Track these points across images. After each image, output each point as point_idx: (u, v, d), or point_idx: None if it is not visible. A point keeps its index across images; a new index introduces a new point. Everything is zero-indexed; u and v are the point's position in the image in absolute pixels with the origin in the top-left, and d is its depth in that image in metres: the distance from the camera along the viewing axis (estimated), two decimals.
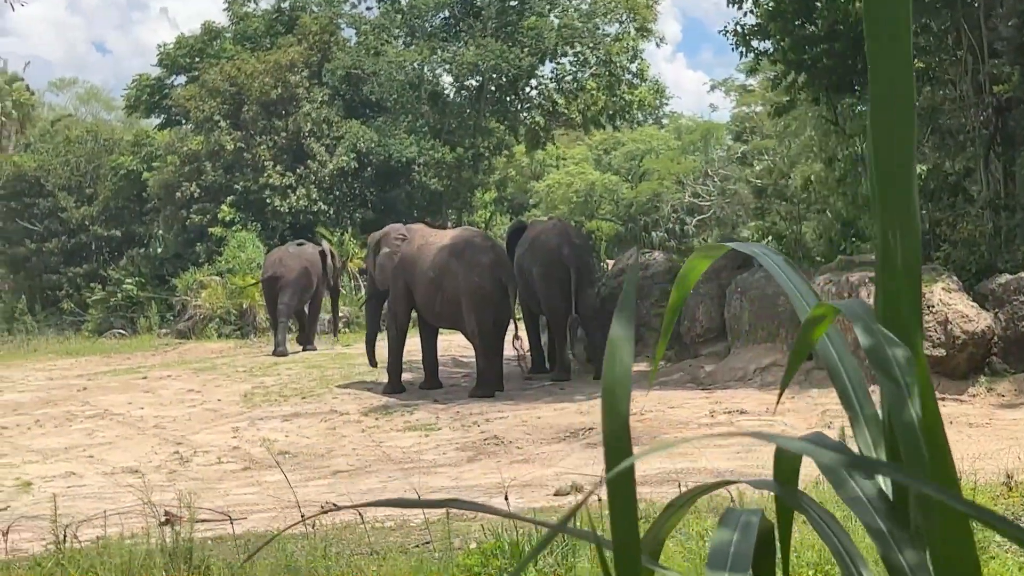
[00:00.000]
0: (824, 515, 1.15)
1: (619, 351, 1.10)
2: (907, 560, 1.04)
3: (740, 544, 1.14)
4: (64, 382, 22.15)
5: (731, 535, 1.17)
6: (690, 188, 43.35)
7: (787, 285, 1.33)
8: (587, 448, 12.96)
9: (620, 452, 1.03)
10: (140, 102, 41.00)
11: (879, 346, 1.05)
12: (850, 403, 1.21)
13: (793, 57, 19.92)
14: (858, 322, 1.08)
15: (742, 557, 1.12)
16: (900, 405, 1.01)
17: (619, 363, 1.09)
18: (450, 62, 35.02)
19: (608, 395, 1.06)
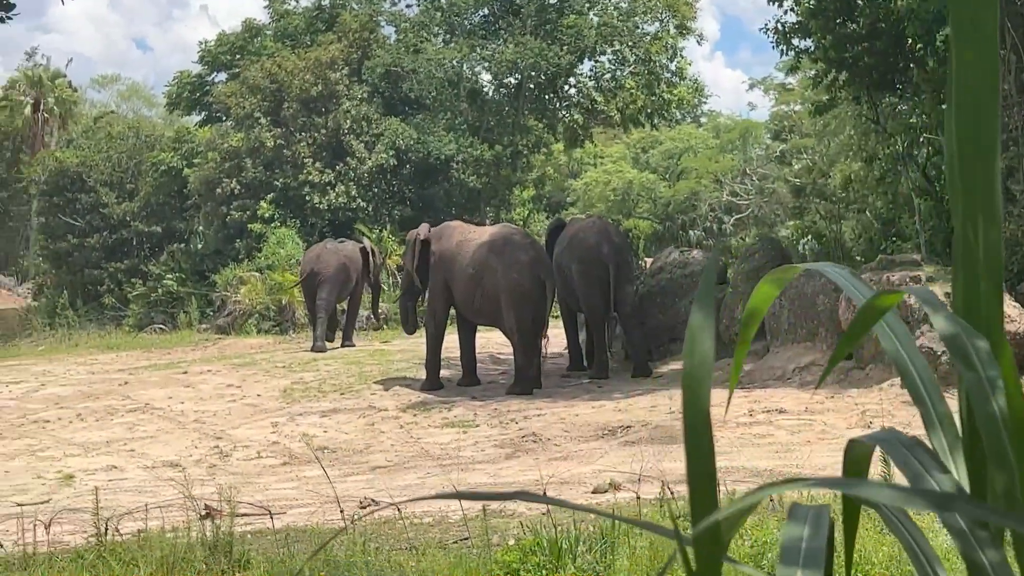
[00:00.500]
0: (897, 512, 1.14)
1: (699, 339, 1.10)
2: (988, 559, 1.03)
3: (812, 540, 1.13)
4: (105, 376, 22.31)
5: (801, 530, 1.16)
6: (728, 187, 43.23)
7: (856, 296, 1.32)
8: (625, 446, 12.94)
9: (701, 443, 1.02)
10: (181, 99, 41.18)
11: (959, 336, 1.04)
12: (921, 400, 1.20)
13: (834, 55, 19.81)
14: (937, 311, 1.07)
15: (815, 553, 1.11)
16: (983, 399, 1.00)
17: (699, 351, 1.09)
18: (489, 60, 35.00)
19: (689, 383, 1.06)
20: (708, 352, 1.10)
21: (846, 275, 1.34)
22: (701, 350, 1.09)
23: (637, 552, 7.02)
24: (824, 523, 1.18)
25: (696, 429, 1.04)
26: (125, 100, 67.22)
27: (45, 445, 15.09)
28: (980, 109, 1.13)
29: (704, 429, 1.04)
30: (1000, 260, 1.11)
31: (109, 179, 37.71)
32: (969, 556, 1.05)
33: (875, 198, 23.96)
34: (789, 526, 1.19)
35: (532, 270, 17.92)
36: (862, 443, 1.17)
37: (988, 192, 1.12)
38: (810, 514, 1.19)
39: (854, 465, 1.20)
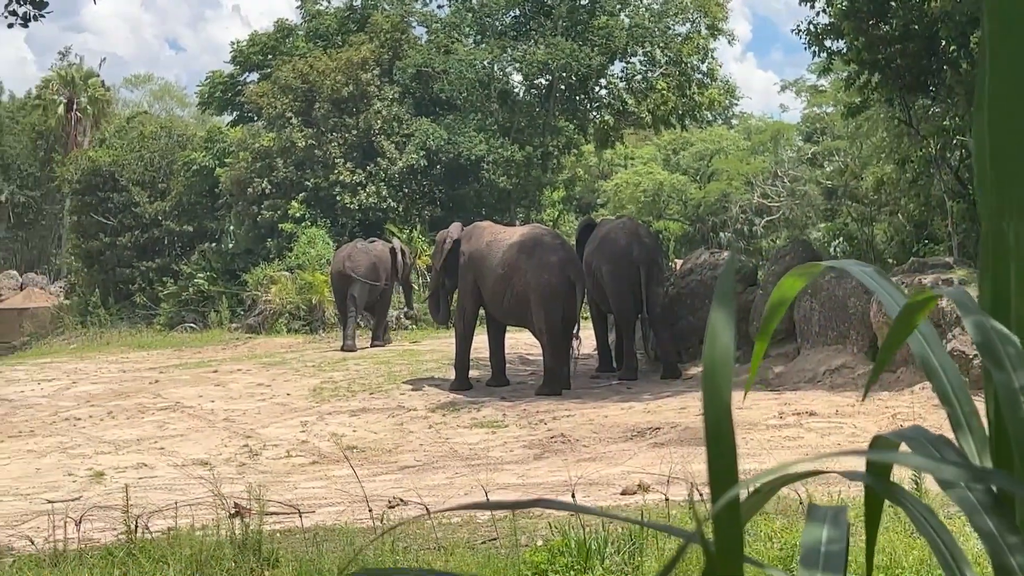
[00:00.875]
0: (923, 510, 1.13)
1: (719, 333, 1.09)
2: (1018, 563, 1.02)
3: (832, 542, 1.12)
4: (136, 375, 22.43)
5: (820, 531, 1.16)
6: (759, 189, 43.09)
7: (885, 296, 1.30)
8: (653, 447, 12.91)
9: (723, 439, 1.02)
10: (213, 99, 41.36)
11: (990, 339, 1.02)
12: (949, 401, 1.19)
13: (867, 57, 19.71)
14: (967, 313, 1.06)
15: (836, 556, 1.11)
16: (1013, 402, 0.99)
17: (719, 346, 1.07)
18: (520, 61, 34.99)
19: (709, 378, 1.05)
20: (728, 345, 1.09)
21: (871, 273, 1.33)
22: (721, 343, 1.08)
23: (665, 554, 7.01)
24: (843, 524, 1.17)
25: (717, 420, 1.03)
26: (157, 100, 67.60)
27: (76, 443, 15.17)
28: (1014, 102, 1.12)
29: (725, 420, 1.04)
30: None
31: (141, 178, 37.89)
32: (998, 559, 1.04)
33: (907, 201, 23.84)
34: (808, 528, 1.18)
35: (562, 271, 17.89)
36: (887, 439, 1.16)
37: (1020, 187, 1.10)
38: (828, 515, 1.18)
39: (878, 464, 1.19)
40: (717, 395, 1.03)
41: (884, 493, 1.16)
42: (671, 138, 49.60)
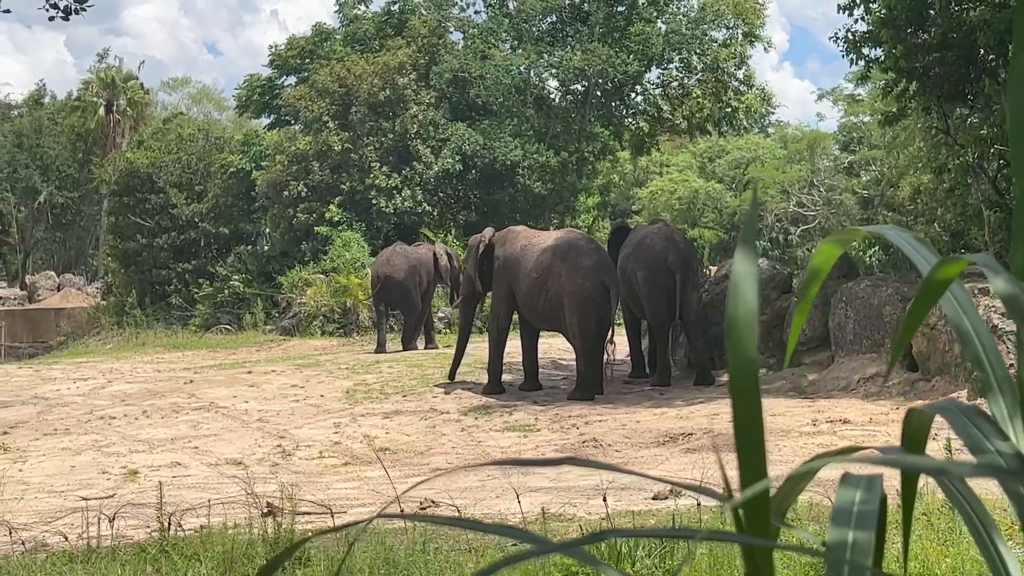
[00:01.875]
0: (955, 480, 1.13)
1: (743, 289, 1.08)
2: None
3: (864, 503, 1.12)
4: (171, 375, 22.56)
5: (853, 494, 1.16)
6: (795, 197, 42.95)
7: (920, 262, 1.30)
8: (686, 453, 12.88)
9: (748, 395, 1.02)
10: (251, 102, 41.60)
11: (1018, 297, 1.02)
12: (982, 365, 1.19)
13: (905, 65, 19.60)
14: (997, 274, 1.06)
15: (868, 516, 1.11)
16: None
17: (743, 302, 1.07)
18: (556, 67, 35.03)
19: (733, 334, 1.05)
20: (752, 301, 1.08)
21: (908, 238, 1.33)
22: (745, 299, 1.08)
23: (697, 558, 6.99)
24: (877, 488, 1.17)
25: (742, 377, 1.03)
26: (196, 103, 68.00)
27: (111, 441, 15.27)
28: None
29: (750, 377, 1.04)
30: None
31: (178, 180, 38.11)
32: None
33: (944, 210, 23.68)
34: (841, 491, 1.18)
35: (596, 275, 17.86)
36: (921, 412, 1.16)
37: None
38: (863, 481, 1.18)
39: (913, 435, 1.19)
40: (742, 350, 1.03)
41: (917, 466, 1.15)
42: (707, 146, 49.54)
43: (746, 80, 37.18)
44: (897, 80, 20.35)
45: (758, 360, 1.07)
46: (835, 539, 1.10)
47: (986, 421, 1.13)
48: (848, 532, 1.10)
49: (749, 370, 1.04)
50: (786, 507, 1.18)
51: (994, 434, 1.11)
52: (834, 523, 1.11)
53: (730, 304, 1.09)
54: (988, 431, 1.11)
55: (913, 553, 6.80)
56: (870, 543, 1.09)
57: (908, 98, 20.49)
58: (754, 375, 1.05)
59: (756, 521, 1.03)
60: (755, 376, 1.05)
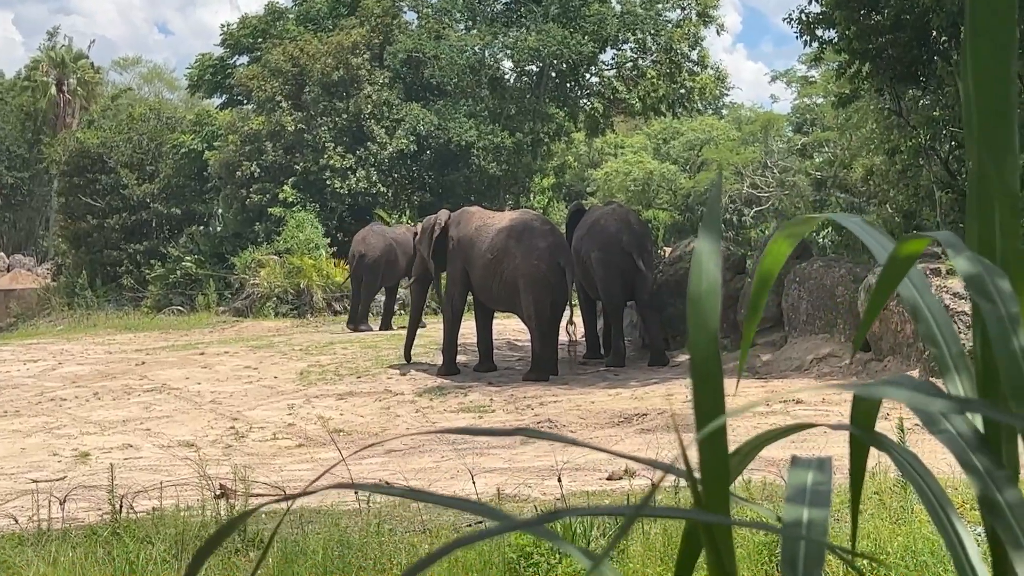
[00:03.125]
0: (907, 455, 1.12)
1: (705, 264, 1.07)
2: (1006, 499, 1.01)
3: (818, 484, 1.12)
4: (123, 356, 22.39)
5: (806, 475, 1.15)
6: (749, 179, 43.07)
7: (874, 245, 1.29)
8: (640, 433, 12.92)
9: (709, 371, 1.00)
10: (203, 81, 41.30)
11: (979, 275, 1.01)
12: (936, 342, 1.18)
13: (858, 46, 19.69)
14: (957, 250, 1.05)
15: (822, 495, 1.10)
16: (1004, 337, 0.98)
17: (706, 276, 1.06)
18: (511, 47, 34.97)
19: (695, 308, 1.04)
20: (714, 276, 1.08)
21: (859, 223, 1.32)
22: (708, 275, 1.07)
23: (651, 538, 7.01)
24: (828, 469, 1.16)
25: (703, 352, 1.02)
26: (147, 83, 67.32)
27: (62, 423, 15.15)
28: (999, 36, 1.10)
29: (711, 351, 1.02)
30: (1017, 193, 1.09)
31: (130, 160, 37.79)
32: (986, 496, 1.03)
33: (896, 191, 23.82)
34: (793, 473, 1.17)
35: (551, 256, 17.87)
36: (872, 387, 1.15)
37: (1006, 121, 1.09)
38: (814, 463, 1.18)
39: (863, 411, 1.19)
40: (704, 324, 1.02)
41: (869, 440, 1.15)
42: (661, 127, 49.62)
43: (700, 61, 37.27)
44: (850, 62, 20.43)
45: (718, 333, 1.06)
46: (791, 517, 1.09)
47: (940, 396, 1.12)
48: (803, 510, 1.09)
49: (710, 344, 1.03)
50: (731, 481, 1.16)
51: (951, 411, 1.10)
52: (789, 503, 1.10)
53: (693, 279, 1.09)
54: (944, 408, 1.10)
55: (865, 532, 6.85)
56: (826, 521, 1.08)
57: (861, 80, 20.58)
58: (715, 349, 1.04)
59: (715, 497, 1.02)
60: (716, 350, 1.04)
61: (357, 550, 7.18)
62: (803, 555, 1.04)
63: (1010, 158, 1.08)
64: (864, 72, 20.30)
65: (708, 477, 1.02)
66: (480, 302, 18.96)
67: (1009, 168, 1.08)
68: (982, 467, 1.03)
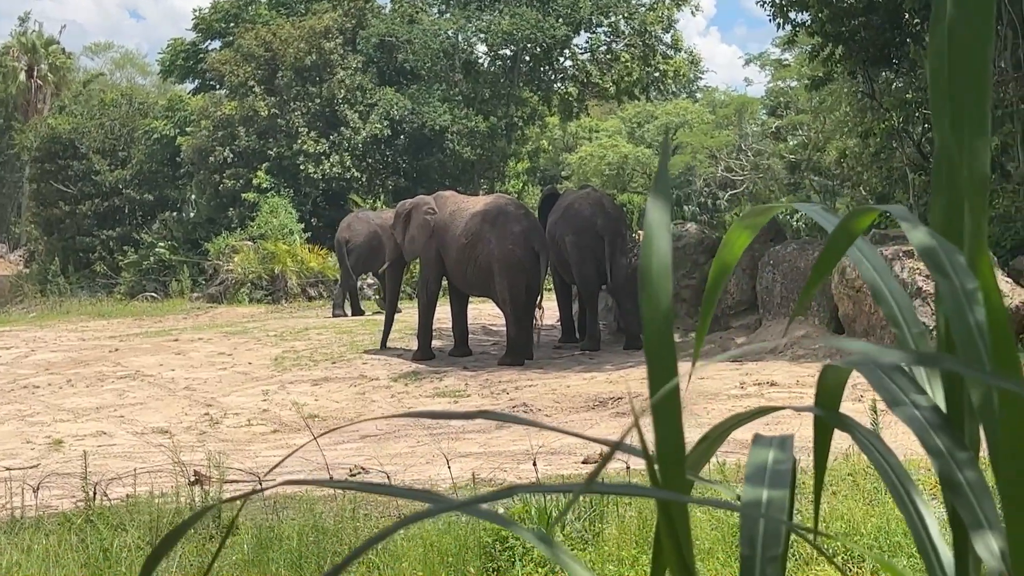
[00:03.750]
0: (869, 435, 1.12)
1: (656, 239, 1.07)
2: (966, 477, 1.01)
3: (779, 463, 1.12)
4: (96, 343, 22.28)
5: (766, 454, 1.15)
6: (723, 162, 43.16)
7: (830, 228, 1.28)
8: (616, 417, 12.95)
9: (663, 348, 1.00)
10: (175, 66, 41.08)
11: (935, 249, 1.01)
12: (897, 323, 1.18)
13: (831, 29, 19.74)
14: (915, 227, 1.04)
15: (782, 475, 1.10)
16: (960, 311, 0.98)
17: (656, 252, 1.06)
18: (485, 31, 34.89)
19: (647, 285, 1.03)
20: (666, 250, 1.07)
21: (818, 210, 1.31)
22: (659, 248, 1.06)
23: (626, 521, 7.02)
24: (789, 448, 1.16)
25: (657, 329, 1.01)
26: (119, 68, 66.90)
27: (35, 410, 15.07)
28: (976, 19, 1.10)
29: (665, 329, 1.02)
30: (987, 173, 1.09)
31: (102, 146, 37.59)
32: (947, 476, 1.03)
33: (870, 174, 23.91)
34: (753, 451, 1.17)
35: (526, 240, 17.87)
36: (837, 368, 1.14)
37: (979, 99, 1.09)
38: (775, 442, 1.17)
39: (828, 391, 1.18)
40: (656, 300, 1.01)
41: (833, 421, 1.15)
42: (636, 111, 49.64)
43: (674, 44, 37.27)
44: (823, 44, 20.49)
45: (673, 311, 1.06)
46: (750, 497, 1.09)
47: (904, 376, 1.12)
48: (763, 491, 1.09)
49: (664, 321, 1.03)
50: (701, 465, 1.16)
51: (912, 389, 1.10)
52: (749, 482, 1.10)
53: (643, 255, 1.08)
54: (906, 387, 1.10)
55: (839, 513, 6.88)
56: (785, 500, 1.08)
57: (834, 62, 20.65)
58: (669, 326, 1.04)
59: (671, 475, 1.02)
60: (670, 327, 1.04)
61: (332, 535, 7.17)
62: (762, 534, 1.04)
63: (982, 139, 1.08)
64: (837, 55, 20.37)
65: (663, 454, 1.02)
66: (455, 287, 18.95)
67: (980, 148, 1.07)
68: (943, 446, 1.04)
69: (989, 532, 0.98)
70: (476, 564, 6.49)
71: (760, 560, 1.02)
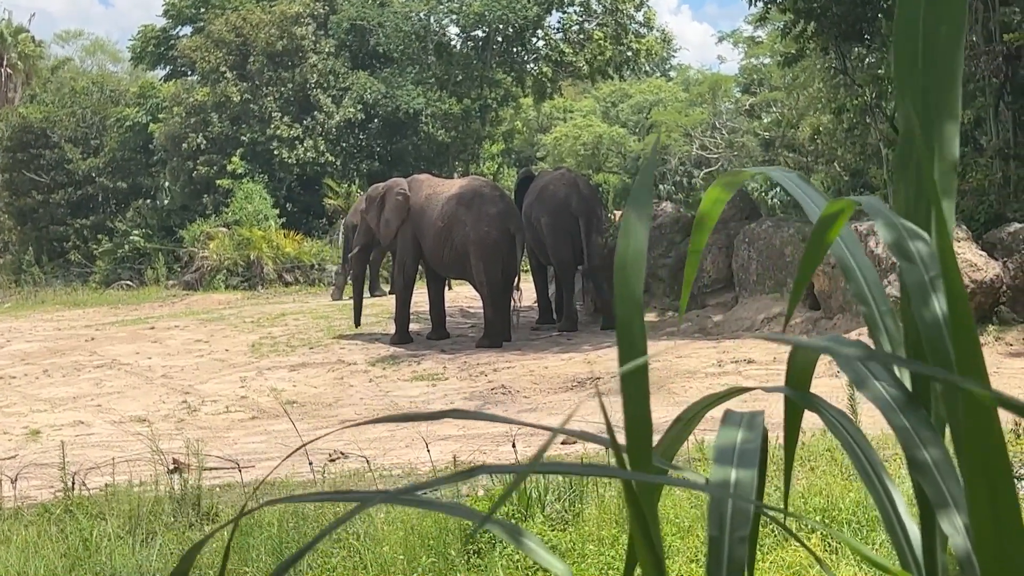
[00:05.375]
0: (838, 415, 1.13)
1: (633, 231, 1.08)
2: (931, 456, 1.02)
3: (747, 442, 1.12)
4: (72, 332, 22.19)
5: (735, 433, 1.15)
6: (698, 141, 43.15)
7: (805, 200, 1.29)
8: (594, 397, 12.97)
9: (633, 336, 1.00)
10: (146, 53, 40.84)
11: (901, 238, 1.02)
12: (866, 300, 1.19)
13: (802, 5, 19.75)
14: (878, 215, 1.05)
15: (750, 454, 1.10)
16: (923, 295, 0.99)
17: (632, 243, 1.07)
18: (456, 12, 34.78)
19: (621, 273, 1.04)
20: (641, 243, 1.08)
21: (793, 178, 1.32)
22: (635, 241, 1.07)
23: (606, 501, 7.05)
24: (759, 426, 1.17)
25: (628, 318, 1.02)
26: (90, 55, 66.46)
27: (11, 401, 15.02)
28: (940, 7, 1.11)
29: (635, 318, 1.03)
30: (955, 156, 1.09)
31: (73, 135, 37.39)
32: (912, 454, 1.04)
33: (844, 150, 23.97)
34: (722, 431, 1.18)
35: (502, 223, 17.88)
36: (805, 349, 1.15)
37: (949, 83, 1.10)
38: (744, 419, 1.18)
39: (798, 371, 1.19)
40: (629, 287, 1.02)
41: (801, 401, 1.15)
42: (610, 90, 49.61)
43: (646, 22, 37.23)
44: (795, 21, 20.50)
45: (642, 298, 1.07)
46: (718, 477, 1.10)
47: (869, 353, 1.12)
48: (731, 470, 1.10)
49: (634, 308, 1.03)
50: (676, 447, 1.16)
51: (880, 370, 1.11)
52: (717, 462, 1.11)
53: (620, 244, 1.09)
54: (874, 367, 1.11)
55: (817, 488, 6.92)
56: (753, 480, 1.09)
57: (806, 39, 20.67)
58: (639, 312, 1.04)
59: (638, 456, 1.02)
60: (640, 313, 1.05)
61: (312, 521, 7.18)
62: (730, 514, 1.05)
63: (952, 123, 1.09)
64: (809, 31, 20.39)
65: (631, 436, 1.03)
66: (432, 270, 18.94)
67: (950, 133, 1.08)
68: (909, 425, 1.04)
69: (954, 510, 0.99)
70: (457, 547, 6.51)
71: (728, 540, 1.03)
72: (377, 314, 21.11)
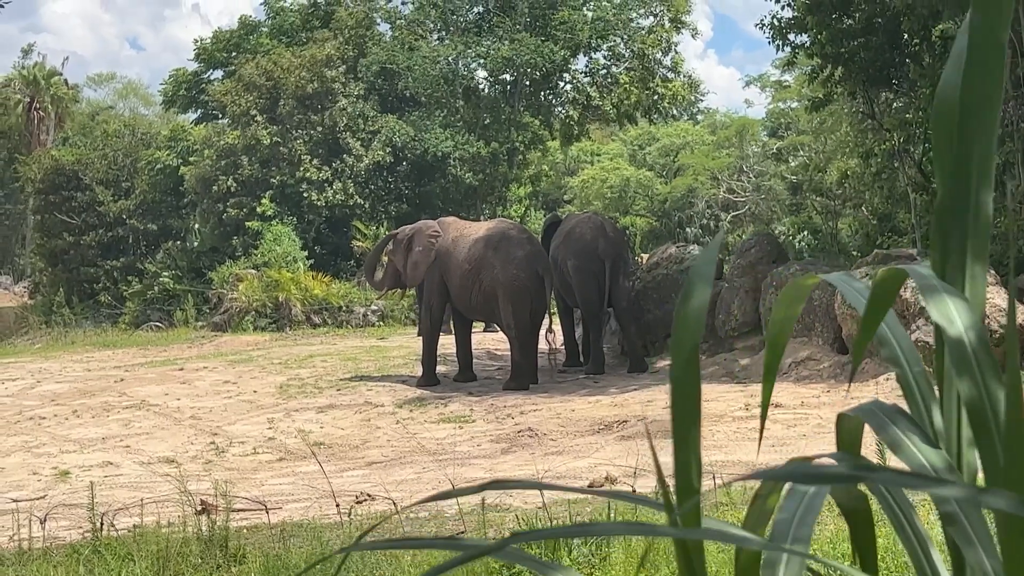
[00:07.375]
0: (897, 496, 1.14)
1: (697, 286, 1.10)
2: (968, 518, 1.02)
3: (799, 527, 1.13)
4: (101, 373, 22.28)
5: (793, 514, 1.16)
6: (725, 184, 43.21)
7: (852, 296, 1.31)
8: (621, 440, 12.94)
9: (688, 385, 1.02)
10: (177, 97, 41.20)
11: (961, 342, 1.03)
12: (899, 363, 1.20)
13: (830, 51, 19.81)
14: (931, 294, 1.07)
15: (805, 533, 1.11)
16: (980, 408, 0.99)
17: (696, 297, 1.09)
18: (484, 57, 34.97)
19: (680, 331, 1.06)
20: (703, 299, 1.11)
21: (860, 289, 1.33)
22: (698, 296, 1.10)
23: (632, 545, 7.03)
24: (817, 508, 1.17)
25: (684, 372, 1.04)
26: (122, 98, 67.14)
27: (41, 441, 15.07)
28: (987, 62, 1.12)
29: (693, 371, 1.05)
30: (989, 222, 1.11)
31: (105, 177, 37.70)
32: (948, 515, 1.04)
33: (871, 194, 23.97)
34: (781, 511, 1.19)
35: (529, 265, 17.90)
36: (851, 416, 1.17)
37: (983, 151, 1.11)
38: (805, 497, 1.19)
39: (847, 437, 1.20)
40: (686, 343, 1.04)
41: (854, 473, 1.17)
42: (637, 134, 49.74)
43: (673, 67, 37.34)
44: (823, 66, 20.56)
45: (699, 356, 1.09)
46: None
47: (906, 419, 1.14)
48: None
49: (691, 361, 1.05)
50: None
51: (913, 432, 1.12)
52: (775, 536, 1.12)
53: (681, 303, 1.12)
54: (909, 430, 1.12)
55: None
56: None
57: (834, 83, 20.71)
58: (696, 367, 1.07)
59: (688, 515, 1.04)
60: (696, 368, 1.07)
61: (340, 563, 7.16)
62: None
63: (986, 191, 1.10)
64: (837, 76, 20.44)
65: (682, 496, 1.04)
66: (459, 312, 18.97)
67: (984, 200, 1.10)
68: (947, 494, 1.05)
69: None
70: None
71: None
72: (404, 356, 21.13)
